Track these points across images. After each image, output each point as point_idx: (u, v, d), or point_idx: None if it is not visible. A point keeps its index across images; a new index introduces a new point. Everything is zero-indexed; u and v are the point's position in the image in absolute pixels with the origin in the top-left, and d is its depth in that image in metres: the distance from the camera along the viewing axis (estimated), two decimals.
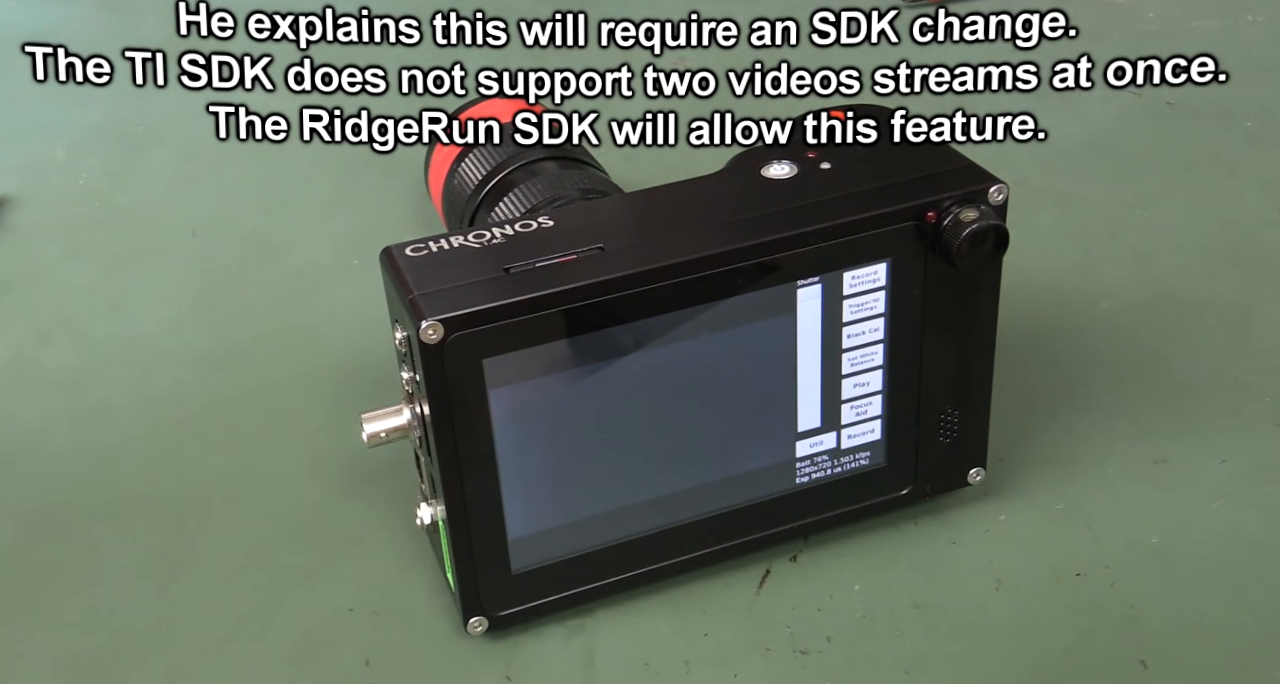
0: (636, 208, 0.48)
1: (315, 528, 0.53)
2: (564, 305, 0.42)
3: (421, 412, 0.44)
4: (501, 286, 0.42)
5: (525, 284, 0.42)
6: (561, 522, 0.47)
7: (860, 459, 0.50)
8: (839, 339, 0.47)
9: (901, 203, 0.45)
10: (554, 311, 0.42)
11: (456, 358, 0.41)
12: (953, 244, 0.45)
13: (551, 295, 0.42)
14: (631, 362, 0.44)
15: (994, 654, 0.47)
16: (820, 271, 0.45)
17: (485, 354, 0.42)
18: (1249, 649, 0.47)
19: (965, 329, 0.48)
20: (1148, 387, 0.59)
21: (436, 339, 0.41)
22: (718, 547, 0.49)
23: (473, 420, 0.43)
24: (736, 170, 0.48)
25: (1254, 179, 0.74)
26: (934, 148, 0.49)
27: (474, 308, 0.41)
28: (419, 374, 0.42)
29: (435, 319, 0.41)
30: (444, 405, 0.42)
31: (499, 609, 0.47)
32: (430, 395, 0.42)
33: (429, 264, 0.43)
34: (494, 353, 0.42)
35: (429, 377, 0.41)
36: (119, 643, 0.49)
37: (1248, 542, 0.51)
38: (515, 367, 0.43)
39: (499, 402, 0.43)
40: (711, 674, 0.47)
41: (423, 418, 0.44)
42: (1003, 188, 0.46)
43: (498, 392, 0.43)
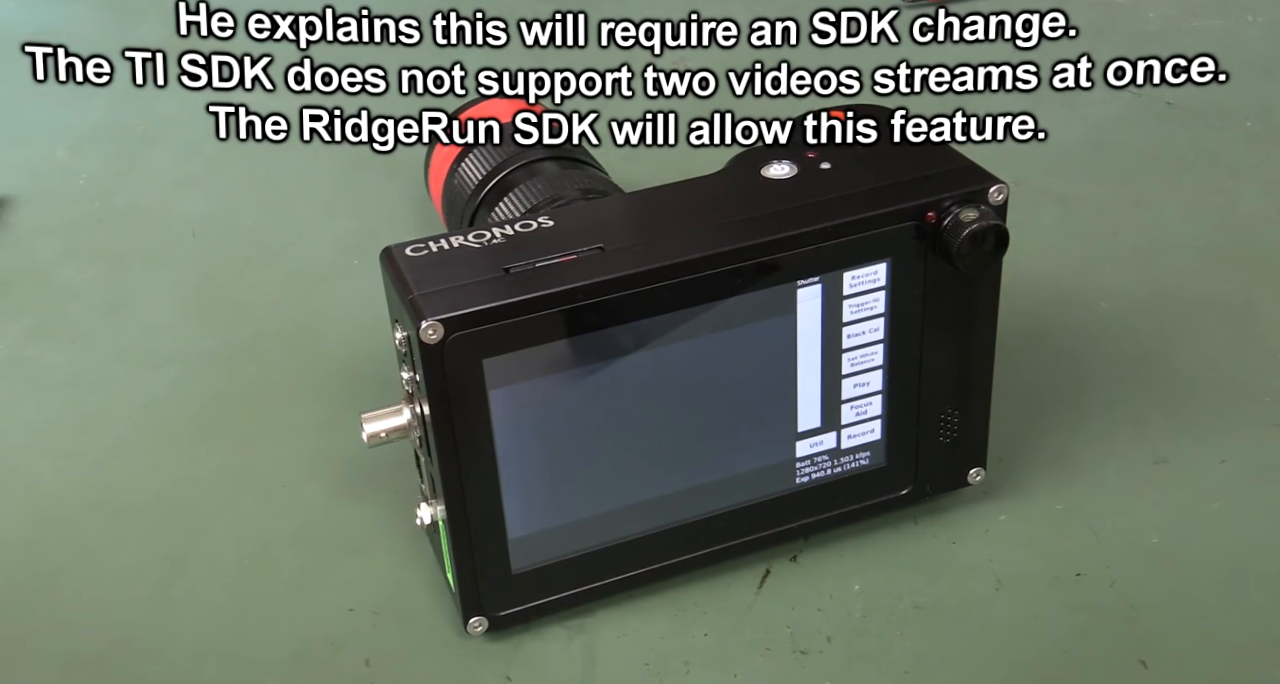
0: (636, 208, 0.48)
1: (315, 528, 0.53)
2: (564, 305, 0.42)
3: (421, 412, 0.44)
4: (502, 286, 0.42)
5: (525, 284, 0.42)
6: (561, 522, 0.47)
7: (860, 459, 0.50)
8: (839, 339, 0.47)
9: (901, 203, 0.45)
10: (554, 312, 0.42)
11: (457, 358, 0.41)
12: (953, 244, 0.45)
13: (552, 295, 0.42)
14: (632, 361, 0.44)
15: (994, 654, 0.47)
16: (820, 271, 0.45)
17: (485, 354, 0.42)
18: (1249, 649, 0.47)
19: (965, 329, 0.48)
20: (1148, 387, 0.59)
21: (437, 339, 0.41)
22: (718, 547, 0.49)
23: (473, 420, 0.43)
24: (737, 170, 0.48)
25: (1254, 179, 0.74)
26: (934, 148, 0.49)
27: (474, 308, 0.41)
28: (419, 374, 0.42)
29: (435, 319, 0.41)
30: (444, 405, 0.42)
31: (499, 609, 0.47)
32: (430, 395, 0.42)
33: (429, 264, 0.43)
34: (494, 353, 0.42)
35: (429, 377, 0.41)
36: (119, 643, 0.49)
37: (1248, 542, 0.51)
38: (515, 366, 0.43)
39: (499, 401, 0.43)
40: (711, 674, 0.47)
41: (423, 418, 0.44)
42: (1003, 188, 0.46)
43: (498, 392, 0.43)
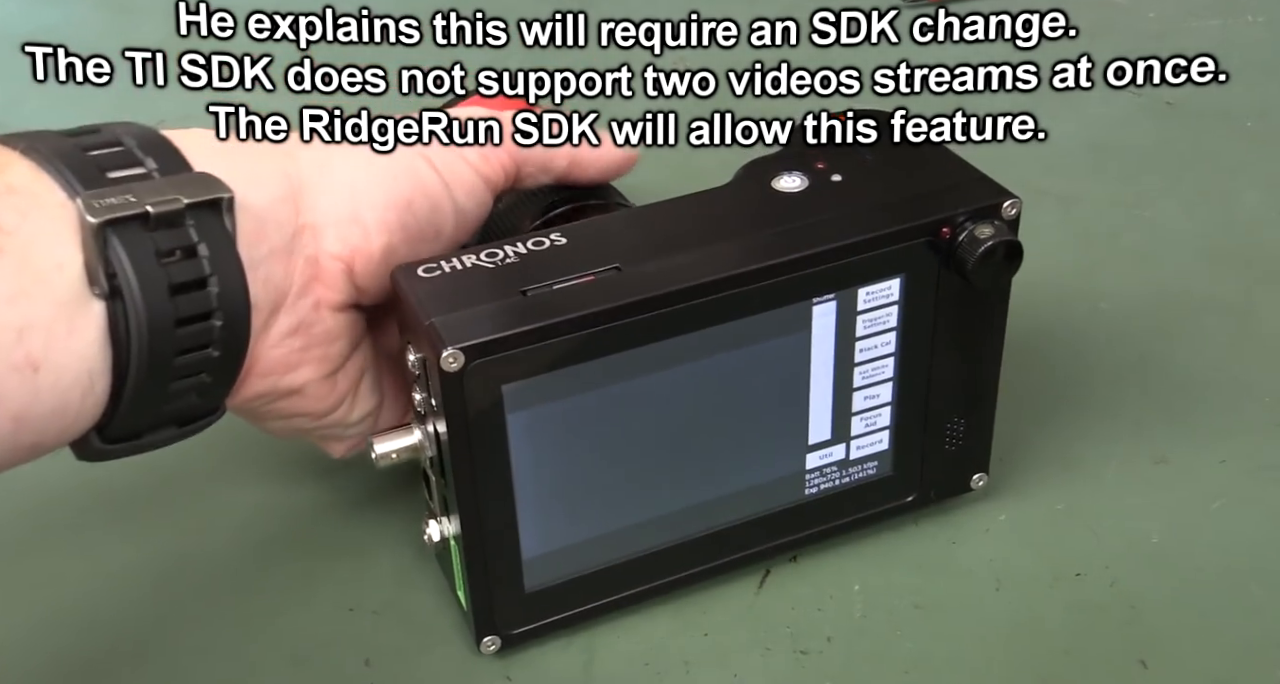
0: (649, 224, 0.47)
1: (316, 527, 0.53)
2: (584, 330, 0.42)
3: (436, 434, 0.43)
4: (521, 311, 0.41)
5: (545, 309, 0.41)
6: (574, 540, 0.47)
7: (868, 469, 0.50)
8: (851, 353, 0.47)
9: (916, 219, 0.45)
10: (574, 336, 0.42)
11: (476, 384, 0.41)
12: (968, 261, 0.45)
13: (572, 320, 0.41)
14: (647, 380, 0.44)
15: (994, 654, 0.47)
16: (835, 289, 0.45)
17: (505, 380, 0.41)
18: (1249, 649, 0.47)
19: (975, 340, 0.49)
20: (1148, 387, 0.59)
21: (457, 367, 0.40)
22: (725, 559, 0.49)
23: (490, 445, 0.43)
24: (746, 182, 0.48)
25: (1254, 179, 0.74)
26: (942, 155, 0.49)
27: (494, 335, 0.40)
28: (436, 399, 0.42)
29: (456, 347, 0.40)
30: (462, 431, 0.42)
31: (511, 628, 0.47)
32: (449, 422, 0.41)
33: (443, 286, 0.42)
34: (514, 378, 0.41)
35: (448, 404, 0.41)
36: (119, 643, 0.49)
37: (1248, 542, 0.51)
38: (534, 390, 0.42)
39: (517, 425, 0.43)
40: (711, 674, 0.47)
41: (437, 441, 0.43)
42: (1016, 202, 0.46)
43: (516, 415, 0.42)
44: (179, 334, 0.38)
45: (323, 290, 0.43)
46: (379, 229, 0.43)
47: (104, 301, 0.37)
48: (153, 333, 0.38)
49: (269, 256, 0.41)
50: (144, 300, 0.37)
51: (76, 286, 0.37)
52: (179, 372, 0.39)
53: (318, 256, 0.43)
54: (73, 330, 0.37)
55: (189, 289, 0.38)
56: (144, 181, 0.39)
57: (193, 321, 0.39)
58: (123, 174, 0.39)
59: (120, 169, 0.39)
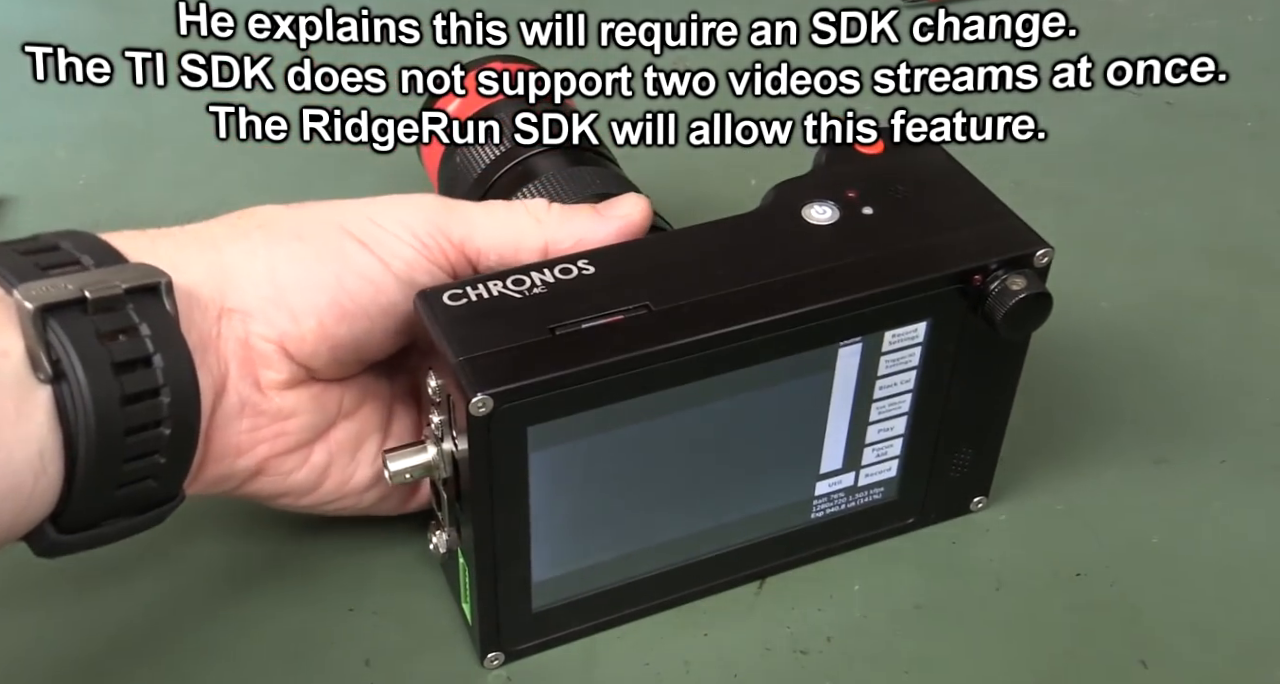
0: (679, 255, 0.45)
1: (316, 527, 0.53)
2: (612, 375, 0.41)
3: (454, 457, 0.43)
4: (550, 353, 0.41)
5: (573, 352, 0.41)
6: (584, 563, 0.47)
7: (874, 494, 0.50)
8: (871, 391, 0.47)
9: (948, 268, 0.44)
10: (602, 381, 0.41)
11: (502, 426, 0.41)
12: (999, 312, 0.44)
13: (602, 366, 0.41)
14: (669, 420, 0.44)
15: (994, 654, 0.47)
16: (864, 332, 0.45)
17: (530, 421, 0.41)
18: (1249, 649, 0.47)
19: (992, 378, 0.49)
20: (1148, 387, 0.59)
21: (485, 412, 0.40)
22: (726, 579, 0.49)
23: (510, 480, 0.42)
24: (777, 210, 0.47)
25: (1254, 179, 0.74)
26: (971, 187, 0.48)
27: (523, 381, 0.40)
28: (459, 435, 0.42)
29: (486, 394, 0.39)
30: (484, 469, 0.42)
31: (516, 645, 0.47)
32: (473, 462, 0.41)
33: (470, 319, 0.42)
34: (539, 420, 0.41)
35: (474, 446, 0.41)
36: (119, 643, 0.49)
37: (1248, 542, 0.51)
38: (557, 431, 0.42)
39: (538, 463, 0.42)
40: (711, 674, 0.47)
41: (454, 463, 0.43)
42: (1048, 252, 0.45)
43: (538, 454, 0.42)
44: (127, 411, 0.38)
45: (262, 370, 0.43)
46: (307, 312, 0.43)
47: (50, 385, 0.38)
48: (99, 410, 0.38)
49: (200, 341, 0.41)
50: (87, 378, 0.38)
51: (20, 372, 0.37)
52: (131, 451, 0.39)
53: (248, 338, 0.43)
54: (21, 414, 0.37)
55: (133, 367, 0.39)
56: (81, 273, 0.39)
57: (140, 398, 0.39)
58: (60, 272, 0.39)
59: (57, 267, 0.40)
